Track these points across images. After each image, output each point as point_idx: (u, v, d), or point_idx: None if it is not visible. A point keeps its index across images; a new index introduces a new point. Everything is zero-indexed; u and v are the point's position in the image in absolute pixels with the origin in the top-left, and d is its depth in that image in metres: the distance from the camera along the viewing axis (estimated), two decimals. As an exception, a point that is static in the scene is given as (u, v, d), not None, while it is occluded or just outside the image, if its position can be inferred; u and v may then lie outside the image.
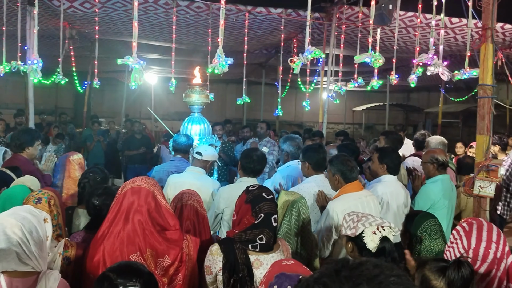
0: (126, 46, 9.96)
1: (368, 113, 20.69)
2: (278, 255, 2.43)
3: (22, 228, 1.88)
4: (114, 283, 1.76)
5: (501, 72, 7.36)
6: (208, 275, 2.38)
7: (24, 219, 1.92)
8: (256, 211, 2.41)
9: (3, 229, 1.86)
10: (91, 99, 13.30)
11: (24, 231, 1.88)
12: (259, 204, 2.43)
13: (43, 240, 1.97)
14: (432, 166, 4.10)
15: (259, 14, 6.91)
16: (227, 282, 2.31)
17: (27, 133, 4.34)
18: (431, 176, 4.10)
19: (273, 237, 2.44)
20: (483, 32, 3.74)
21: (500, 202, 5.58)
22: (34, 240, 1.90)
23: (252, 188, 2.55)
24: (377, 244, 2.29)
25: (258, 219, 2.39)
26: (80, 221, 3.13)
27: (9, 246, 1.84)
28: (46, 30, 8.35)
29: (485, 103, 3.71)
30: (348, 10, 6.80)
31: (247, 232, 2.39)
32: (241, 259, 2.33)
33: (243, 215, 2.45)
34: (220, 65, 3.11)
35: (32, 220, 1.94)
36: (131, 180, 2.47)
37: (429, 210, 3.69)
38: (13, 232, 1.85)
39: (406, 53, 8.85)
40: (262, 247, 2.38)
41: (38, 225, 1.96)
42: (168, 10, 6.84)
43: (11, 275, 1.87)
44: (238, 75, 14.12)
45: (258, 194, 2.48)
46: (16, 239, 1.85)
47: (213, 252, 2.38)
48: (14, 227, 1.87)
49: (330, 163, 3.52)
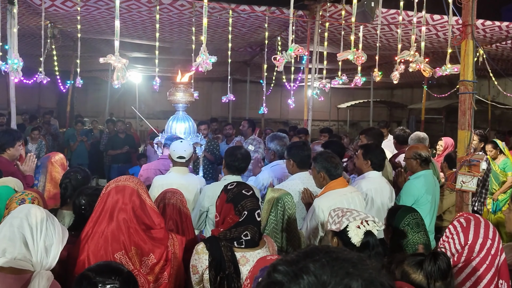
0: (109, 45, 9.87)
1: (353, 110, 20.82)
2: (264, 251, 2.43)
3: (43, 219, 1.98)
4: (93, 281, 1.76)
5: (483, 68, 7.47)
6: (195, 275, 2.38)
7: (50, 215, 2.03)
8: (239, 209, 2.41)
9: (27, 212, 1.97)
10: (74, 99, 13.16)
11: (43, 220, 1.97)
12: (241, 202, 2.43)
13: (52, 243, 2.02)
14: (416, 162, 4.14)
15: (243, 12, 6.90)
16: (214, 280, 2.31)
17: (8, 133, 4.26)
18: (414, 172, 4.15)
19: (258, 232, 2.45)
20: (463, 28, 3.79)
21: (475, 199, 5.63)
22: (46, 234, 1.97)
23: (230, 187, 2.53)
24: (361, 238, 2.31)
25: (242, 217, 2.39)
26: (64, 223, 3.08)
27: (24, 226, 1.93)
28: (27, 29, 8.23)
29: (466, 98, 3.77)
30: (331, 8, 6.83)
31: (232, 231, 2.39)
32: (227, 257, 2.33)
33: (226, 215, 2.44)
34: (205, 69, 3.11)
35: (54, 222, 2.04)
36: (115, 179, 2.45)
37: (412, 206, 3.73)
38: (35, 215, 1.96)
39: (389, 50, 8.93)
40: (247, 243, 2.38)
41: (57, 227, 2.04)
42: (151, 8, 6.79)
43: (6, 271, 1.88)
44: (223, 73, 14.08)
45: (238, 192, 2.47)
46: (34, 223, 1.94)
47: (199, 251, 2.38)
48: (38, 213, 1.98)
49: (315, 160, 3.54)
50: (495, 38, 7.82)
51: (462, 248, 2.23)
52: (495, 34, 7.46)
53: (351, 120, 21.10)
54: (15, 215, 1.98)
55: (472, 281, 2.19)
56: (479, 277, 2.18)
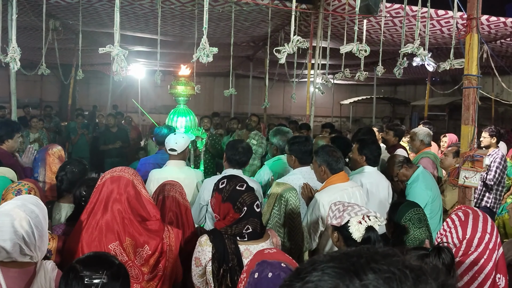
0: (112, 39, 9.81)
1: (356, 106, 20.76)
2: (267, 244, 2.40)
3: (30, 222, 1.90)
4: (80, 275, 1.71)
5: (487, 65, 7.41)
6: (198, 267, 2.35)
7: (32, 213, 1.93)
8: (238, 206, 2.38)
9: (11, 221, 1.87)
10: (76, 92, 13.12)
11: (31, 225, 1.89)
12: (239, 199, 2.39)
13: (46, 234, 1.99)
14: (405, 169, 4.13)
15: (245, 5, 6.85)
16: (217, 272, 2.29)
17: (7, 125, 4.22)
18: (409, 176, 4.11)
19: (259, 223, 2.42)
20: (468, 22, 3.74)
21: (491, 196, 5.59)
22: (38, 234, 1.91)
23: (222, 186, 2.47)
24: (363, 233, 2.28)
25: (242, 213, 2.37)
26: (60, 215, 3.05)
27: (14, 238, 1.85)
28: (29, 21, 8.19)
29: (470, 93, 3.72)
30: (335, 1, 6.77)
31: (233, 227, 2.36)
32: (230, 249, 2.31)
33: (225, 213, 2.41)
34: (204, 54, 3.06)
35: (39, 215, 1.96)
36: (110, 170, 2.43)
37: (426, 207, 3.72)
38: (20, 226, 1.87)
39: (393, 46, 8.87)
40: (250, 236, 2.36)
41: (43, 219, 1.98)
42: (153, 1, 6.75)
43: (8, 265, 1.86)
44: (225, 68, 14.05)
45: (233, 189, 2.43)
46: (22, 232, 1.86)
47: (202, 243, 2.35)
48: (23, 221, 1.88)
49: (316, 154, 3.51)
50: (500, 35, 7.74)
51: (460, 243, 2.20)
52: (499, 30, 7.39)
53: (353, 117, 21.06)
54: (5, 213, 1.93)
55: (470, 275, 2.16)
56: (477, 271, 2.15)
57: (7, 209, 1.91)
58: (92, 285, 1.70)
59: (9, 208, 1.91)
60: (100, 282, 1.70)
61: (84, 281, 1.70)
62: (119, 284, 1.76)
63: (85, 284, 1.70)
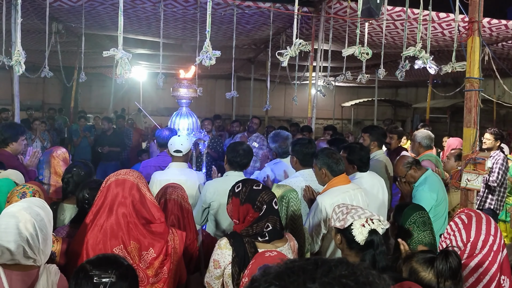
0: (114, 42, 9.86)
1: (357, 109, 20.75)
2: (286, 249, 2.42)
3: (35, 224, 1.91)
4: (89, 274, 1.75)
5: (488, 68, 7.41)
6: (216, 269, 2.37)
7: (38, 216, 1.94)
8: (258, 205, 2.41)
9: (16, 223, 1.88)
10: (78, 95, 13.16)
11: (36, 228, 1.91)
12: (258, 198, 2.42)
13: (50, 237, 2.00)
14: (413, 170, 4.09)
15: (247, 8, 6.87)
16: (237, 276, 2.30)
17: (11, 128, 4.23)
18: (417, 178, 4.10)
19: (278, 220, 2.44)
20: (469, 25, 3.75)
21: (494, 197, 5.60)
22: (43, 237, 1.93)
23: (238, 190, 2.50)
24: (366, 236, 2.28)
25: (262, 211, 2.40)
26: (65, 216, 3.08)
27: (18, 240, 1.86)
28: (32, 24, 8.22)
29: (472, 96, 3.73)
30: (336, 4, 6.79)
31: (254, 226, 2.39)
32: (250, 253, 2.32)
33: (245, 215, 2.43)
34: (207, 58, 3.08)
35: (44, 218, 1.97)
36: (115, 173, 2.44)
37: (431, 210, 3.72)
38: (25, 228, 1.88)
39: (394, 49, 8.88)
40: (270, 234, 2.38)
41: (48, 223, 2.00)
42: (156, 4, 6.77)
43: (12, 268, 1.87)
44: (227, 71, 14.06)
45: (250, 190, 2.46)
46: (27, 235, 1.88)
47: (222, 246, 2.37)
48: (28, 223, 1.90)
49: (316, 157, 3.51)
50: (501, 37, 7.75)
51: (465, 246, 2.21)
52: (501, 32, 7.40)
53: (355, 119, 21.05)
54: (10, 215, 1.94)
55: (475, 278, 2.17)
56: (482, 273, 2.17)
57: (13, 211, 1.92)
58: (100, 284, 1.73)
59: (15, 210, 1.93)
60: (108, 281, 1.73)
61: (93, 280, 1.73)
62: (127, 284, 1.78)
63: (94, 283, 1.73)
